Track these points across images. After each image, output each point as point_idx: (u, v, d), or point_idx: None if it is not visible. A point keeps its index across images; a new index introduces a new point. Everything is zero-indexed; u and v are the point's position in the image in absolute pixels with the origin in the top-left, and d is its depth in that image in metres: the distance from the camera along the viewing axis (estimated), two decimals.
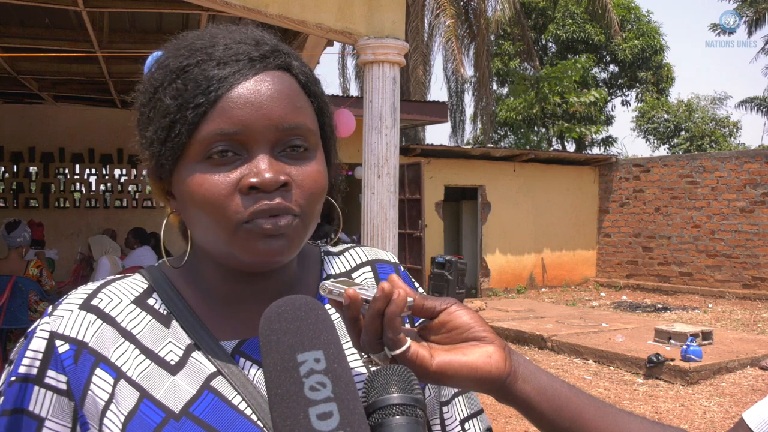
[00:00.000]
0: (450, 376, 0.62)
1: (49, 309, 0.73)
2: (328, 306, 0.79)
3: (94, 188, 10.46)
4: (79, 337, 0.70)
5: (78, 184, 10.44)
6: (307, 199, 0.69)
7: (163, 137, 0.69)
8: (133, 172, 10.50)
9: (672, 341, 6.75)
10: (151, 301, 0.75)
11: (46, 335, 0.70)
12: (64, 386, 0.69)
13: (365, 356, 0.64)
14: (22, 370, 0.70)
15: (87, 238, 9.08)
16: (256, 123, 0.67)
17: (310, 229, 0.72)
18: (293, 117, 0.69)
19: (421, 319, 0.67)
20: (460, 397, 0.83)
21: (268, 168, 0.66)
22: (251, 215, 0.66)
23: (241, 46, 0.70)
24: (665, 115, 22.98)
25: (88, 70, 7.18)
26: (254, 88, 0.67)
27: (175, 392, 0.68)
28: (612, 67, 23.09)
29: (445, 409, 0.81)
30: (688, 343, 6.40)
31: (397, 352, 0.61)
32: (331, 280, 0.65)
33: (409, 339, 0.61)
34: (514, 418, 4.97)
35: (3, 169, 10.02)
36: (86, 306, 0.72)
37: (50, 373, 0.69)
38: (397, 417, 0.58)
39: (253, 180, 0.66)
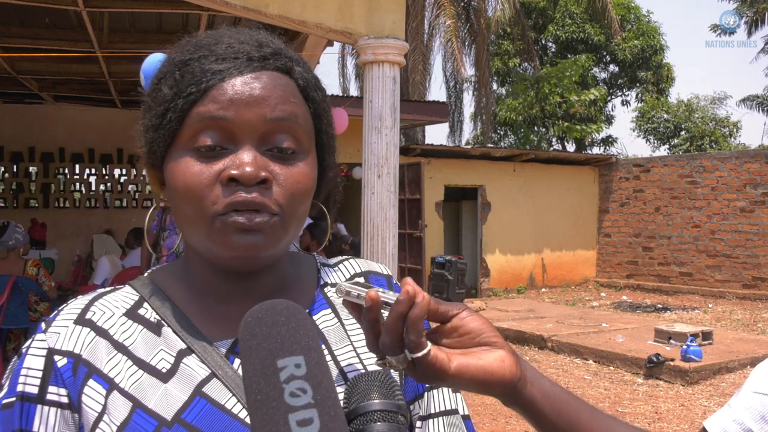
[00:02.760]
0: (467, 379, 0.62)
1: (42, 325, 0.72)
2: (326, 313, 0.79)
3: (94, 188, 10.47)
4: (76, 351, 0.70)
5: (78, 184, 10.44)
6: (287, 199, 0.69)
7: (156, 124, 0.70)
8: (133, 172, 10.50)
9: (672, 341, 6.75)
10: (142, 311, 0.74)
11: (44, 352, 0.70)
12: (65, 399, 0.68)
13: (381, 359, 0.63)
14: (19, 389, 0.69)
15: (87, 238, 9.10)
16: (245, 111, 0.67)
17: (290, 229, 0.72)
18: (283, 108, 0.69)
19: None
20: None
21: (251, 162, 0.67)
22: (227, 206, 0.67)
23: (243, 45, 0.71)
24: (665, 115, 22.97)
25: (88, 70, 7.18)
26: (247, 81, 0.69)
27: (167, 400, 0.68)
28: (612, 67, 23.10)
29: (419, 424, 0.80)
30: (688, 343, 6.40)
31: (419, 354, 0.60)
32: (346, 282, 0.65)
33: (429, 342, 0.61)
34: (514, 418, 4.97)
35: (3, 169, 10.02)
36: (80, 320, 0.72)
37: (51, 389, 0.68)
38: (379, 423, 0.57)
39: (234, 172, 0.66)
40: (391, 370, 0.66)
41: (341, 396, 0.60)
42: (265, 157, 0.69)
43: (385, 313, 0.62)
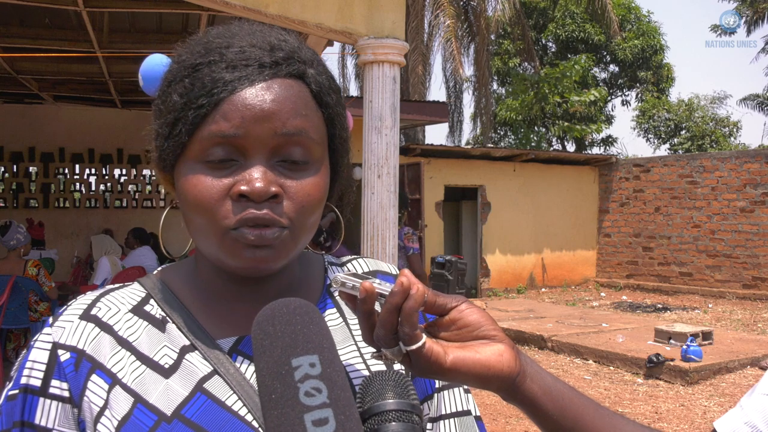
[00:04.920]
0: (464, 373, 0.61)
1: (50, 320, 0.73)
2: (331, 312, 0.79)
3: (94, 188, 10.46)
4: (79, 346, 0.70)
5: (78, 184, 10.44)
6: (297, 212, 0.69)
7: (166, 133, 0.70)
8: (133, 172, 10.50)
9: (672, 341, 6.74)
10: (147, 308, 0.75)
11: (49, 346, 0.71)
12: (66, 393, 0.69)
13: (376, 352, 0.62)
14: (23, 381, 0.70)
15: (87, 239, 9.09)
16: (255, 127, 0.66)
17: (300, 241, 0.71)
18: (294, 123, 0.68)
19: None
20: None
21: (261, 178, 0.66)
22: (238, 222, 0.67)
23: (254, 50, 0.69)
24: (666, 114, 22.97)
25: (88, 70, 7.18)
26: (258, 94, 0.67)
27: (168, 395, 0.68)
28: (612, 67, 23.09)
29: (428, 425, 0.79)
30: (688, 343, 6.40)
31: (413, 347, 0.59)
32: (342, 273, 0.64)
33: (424, 335, 0.61)
34: (514, 418, 4.97)
35: (3, 169, 10.02)
36: (86, 316, 0.73)
37: (54, 382, 0.69)
38: (393, 423, 0.57)
39: (243, 188, 0.66)
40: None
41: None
42: (275, 171, 0.68)
43: (380, 305, 0.61)
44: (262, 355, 0.54)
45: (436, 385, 0.79)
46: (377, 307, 0.62)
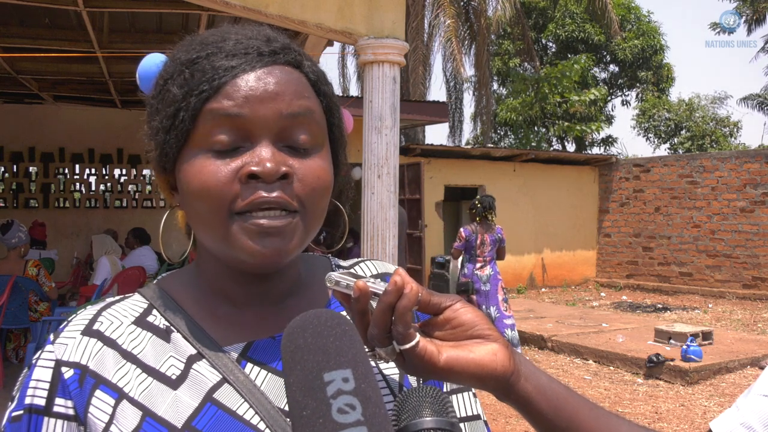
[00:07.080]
0: (457, 372, 0.61)
1: (51, 337, 0.72)
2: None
3: (94, 188, 10.45)
4: (83, 362, 0.69)
5: (78, 184, 10.43)
6: (308, 194, 0.68)
7: (168, 125, 0.68)
8: (133, 172, 10.49)
9: (672, 341, 6.75)
10: (150, 319, 0.73)
11: (52, 364, 0.69)
12: (71, 411, 0.67)
13: (370, 351, 0.62)
14: (27, 401, 0.68)
15: (87, 239, 9.09)
16: (260, 107, 0.66)
17: (311, 228, 0.70)
18: (299, 104, 0.68)
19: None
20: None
21: (271, 158, 0.65)
22: (248, 206, 0.65)
23: (251, 41, 0.69)
24: (666, 114, 22.97)
25: (88, 70, 7.18)
26: (261, 77, 0.67)
27: (177, 407, 0.66)
28: (612, 67, 23.09)
29: None
30: (688, 343, 6.40)
31: (407, 346, 0.59)
32: (336, 272, 0.63)
33: (418, 334, 0.60)
34: (514, 418, 4.97)
35: (3, 169, 10.01)
36: (88, 331, 0.71)
37: (58, 401, 0.68)
38: None
39: (254, 168, 0.64)
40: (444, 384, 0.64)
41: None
42: (282, 153, 0.67)
43: (374, 304, 0.61)
44: (292, 369, 0.52)
45: (445, 389, 0.78)
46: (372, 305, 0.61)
